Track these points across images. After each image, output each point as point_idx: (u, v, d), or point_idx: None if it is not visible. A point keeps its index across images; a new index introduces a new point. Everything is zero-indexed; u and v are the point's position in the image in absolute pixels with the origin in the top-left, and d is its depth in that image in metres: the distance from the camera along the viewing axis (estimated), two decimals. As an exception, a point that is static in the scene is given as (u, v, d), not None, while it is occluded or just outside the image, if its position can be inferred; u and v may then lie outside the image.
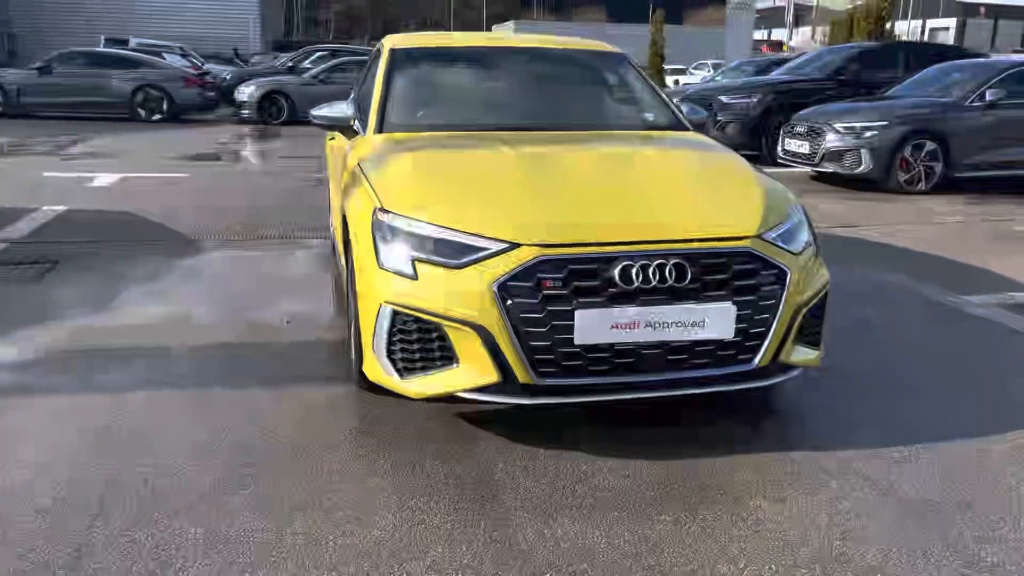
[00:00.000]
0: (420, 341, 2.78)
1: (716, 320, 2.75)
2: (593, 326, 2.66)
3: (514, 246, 2.67)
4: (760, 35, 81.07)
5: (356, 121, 3.98)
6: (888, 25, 20.43)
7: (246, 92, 16.19)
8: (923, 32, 64.08)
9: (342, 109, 3.98)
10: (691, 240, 2.77)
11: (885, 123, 8.89)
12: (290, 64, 19.13)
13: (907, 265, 5.70)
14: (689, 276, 2.71)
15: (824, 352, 3.19)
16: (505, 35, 4.64)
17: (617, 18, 66.72)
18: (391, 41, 4.43)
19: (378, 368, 2.89)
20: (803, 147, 9.42)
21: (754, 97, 11.22)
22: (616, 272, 2.66)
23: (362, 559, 2.24)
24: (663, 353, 2.77)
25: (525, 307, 2.64)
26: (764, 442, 2.98)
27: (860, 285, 5.15)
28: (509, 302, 2.63)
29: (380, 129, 3.79)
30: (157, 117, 16.35)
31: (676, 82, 28.33)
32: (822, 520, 2.48)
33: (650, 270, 2.68)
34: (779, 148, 9.97)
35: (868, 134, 8.87)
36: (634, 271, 2.67)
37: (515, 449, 2.88)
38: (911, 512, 2.53)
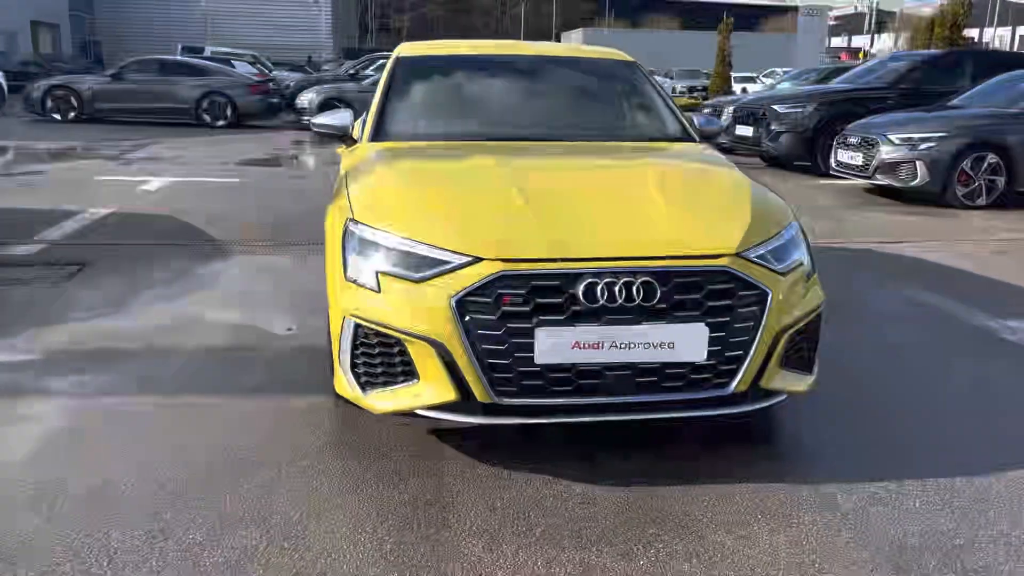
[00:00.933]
0: (382, 356, 2.72)
1: (687, 342, 2.61)
2: (554, 345, 2.55)
3: (476, 260, 2.59)
4: (840, 42, 79.19)
5: (359, 129, 3.96)
6: (966, 32, 19.62)
7: (306, 99, 16.48)
8: (1013, 40, 61.46)
9: (342, 117, 3.97)
10: (662, 257, 2.64)
11: (944, 134, 8.49)
12: (351, 71, 19.39)
13: (951, 284, 5.41)
14: (659, 295, 2.58)
15: (816, 378, 3.02)
16: (518, 43, 4.56)
17: (690, 26, 66.01)
18: (400, 49, 4.40)
19: (343, 381, 2.84)
20: (856, 158, 9.08)
21: (808, 106, 10.86)
22: (580, 289, 2.56)
23: (290, 579, 2.19)
24: (631, 375, 2.64)
25: (483, 324, 2.55)
26: (746, 472, 2.82)
27: (894, 304, 4.91)
28: (467, 318, 2.55)
29: (375, 138, 3.76)
30: (221, 123, 16.80)
31: (743, 90, 27.76)
32: (782, 559, 2.32)
33: (616, 288, 2.56)
34: (832, 159, 9.64)
35: (925, 146, 8.49)
36: (599, 289, 2.55)
37: (479, 470, 2.79)
38: (882, 555, 2.36)
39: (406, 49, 4.40)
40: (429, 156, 3.54)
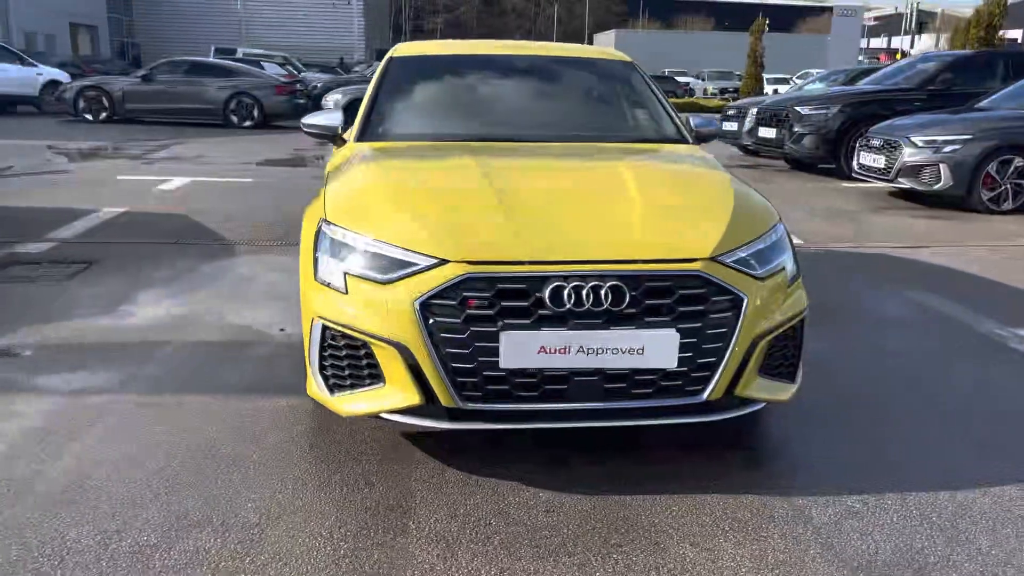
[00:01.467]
0: (349, 358, 2.69)
1: (657, 348, 2.54)
2: (519, 349, 2.50)
3: (442, 262, 2.55)
4: (879, 43, 77.99)
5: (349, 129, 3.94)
6: (1008, 34, 19.17)
7: (331, 100, 16.56)
8: (1057, 40, 59.87)
9: (332, 117, 3.94)
10: (633, 261, 2.57)
11: (969, 137, 8.28)
12: (379, 73, 19.46)
13: (964, 290, 5.26)
14: (628, 300, 2.52)
15: (799, 387, 2.93)
16: (515, 44, 4.50)
17: (725, 26, 65.45)
18: (395, 49, 4.38)
19: (313, 383, 2.82)
20: (878, 161, 8.89)
21: (832, 108, 10.67)
22: (547, 293, 2.50)
23: (238, 583, 2.17)
24: (599, 381, 2.58)
25: (448, 327, 2.51)
26: (721, 481, 2.74)
27: (900, 309, 4.78)
28: (431, 321, 2.51)
29: (361, 138, 3.74)
30: (248, 123, 16.97)
31: (775, 91, 27.42)
32: (743, 575, 2.25)
33: (584, 292, 2.50)
34: (854, 162, 9.45)
35: (949, 148, 8.28)
36: (566, 292, 2.50)
37: (447, 475, 2.75)
38: (848, 570, 2.27)
39: (400, 49, 4.37)
40: (410, 156, 3.50)
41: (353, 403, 2.70)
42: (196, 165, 11.01)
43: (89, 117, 17.21)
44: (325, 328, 2.71)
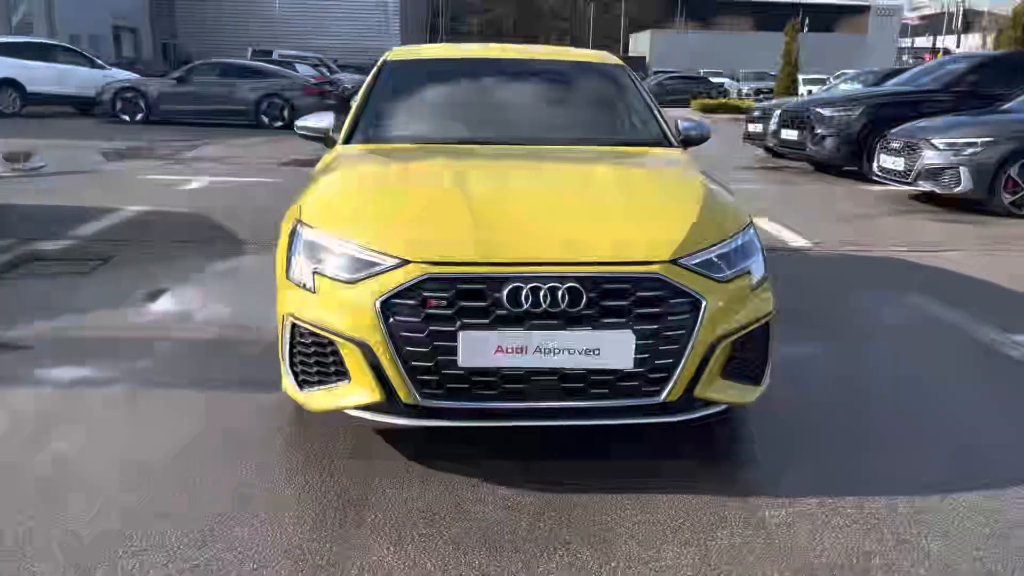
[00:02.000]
0: (316, 355, 2.77)
1: (613, 349, 2.58)
2: (477, 349, 2.55)
3: (404, 263, 2.61)
4: (924, 42, 76.57)
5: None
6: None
7: (360, 100, 16.74)
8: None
9: (324, 120, 4.03)
10: (592, 263, 2.62)
11: (990, 139, 8.15)
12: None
13: (969, 295, 5.20)
14: (584, 301, 2.56)
15: (765, 390, 2.95)
16: (510, 47, 4.54)
17: (765, 26, 64.72)
18: (390, 53, 4.46)
19: (285, 379, 2.91)
20: (898, 164, 8.78)
21: (855, 110, 10.55)
22: (505, 294, 2.55)
23: (177, 574, 2.24)
24: (557, 381, 2.63)
25: (408, 326, 2.57)
26: (682, 481, 2.76)
27: (898, 313, 4.75)
28: (392, 320, 2.57)
29: (347, 140, 3.82)
30: (279, 124, 17.22)
31: (809, 92, 27.09)
32: (683, 573, 2.28)
33: (541, 293, 2.55)
34: (874, 164, 9.34)
35: (970, 151, 8.16)
36: (524, 293, 2.55)
37: (412, 470, 2.82)
38: (789, 572, 2.29)
39: (395, 53, 4.45)
40: (390, 159, 3.58)
41: (320, 399, 2.78)
42: (222, 165, 11.23)
43: (126, 118, 17.61)
44: (295, 326, 2.79)
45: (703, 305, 2.65)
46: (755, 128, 13.22)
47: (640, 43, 60.88)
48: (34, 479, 2.70)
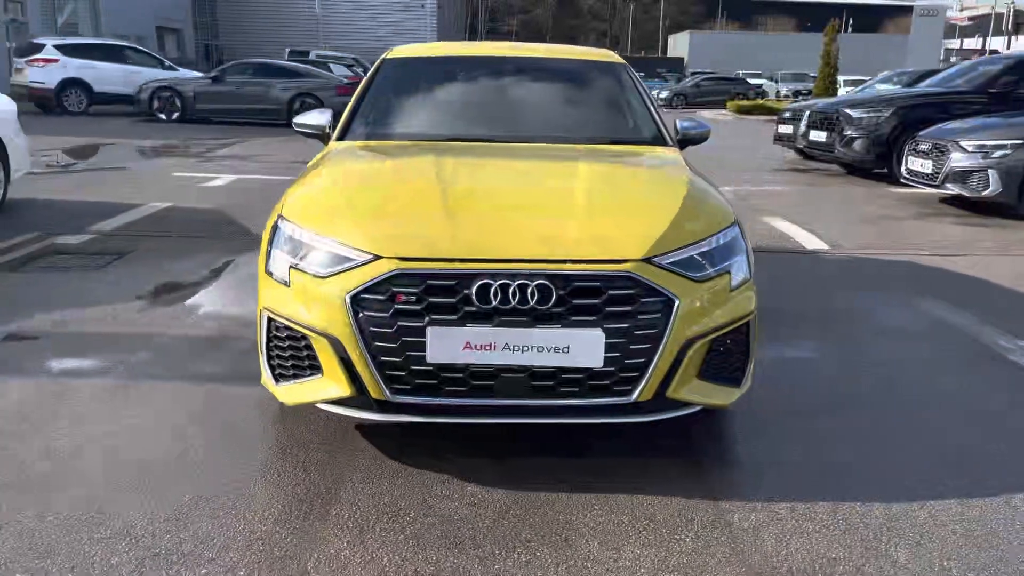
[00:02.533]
0: (291, 349, 2.79)
1: (582, 347, 2.56)
2: (445, 345, 2.55)
3: (376, 258, 2.62)
4: (973, 43, 74.98)
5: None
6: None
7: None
8: None
9: (321, 116, 4.06)
10: (563, 261, 2.60)
11: (1020, 142, 7.93)
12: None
13: (980, 300, 5.07)
14: (554, 299, 2.55)
15: (745, 391, 2.90)
16: (511, 45, 4.53)
17: (807, 27, 63.86)
18: (390, 52, 4.48)
19: (263, 372, 2.93)
20: (926, 166, 8.60)
21: (885, 111, 10.35)
22: (474, 290, 2.55)
23: (137, 562, 2.27)
24: (526, 378, 2.61)
25: (377, 321, 2.58)
26: (654, 482, 2.73)
27: (904, 317, 4.65)
28: (361, 315, 2.58)
29: (341, 137, 3.85)
30: (311, 123, 17.37)
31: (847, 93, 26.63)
32: (640, 575, 2.25)
33: (510, 290, 2.54)
34: (902, 167, 9.16)
35: (999, 153, 7.96)
36: (493, 290, 2.54)
37: (384, 465, 2.82)
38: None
39: (396, 51, 4.47)
40: (377, 156, 3.60)
41: (295, 393, 2.81)
42: (250, 163, 11.38)
43: (163, 117, 17.96)
44: (270, 320, 2.82)
45: (676, 305, 2.62)
46: (785, 129, 13.03)
47: (679, 44, 60.47)
48: (12, 466, 2.76)
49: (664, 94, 36.88)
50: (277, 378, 2.86)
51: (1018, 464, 2.94)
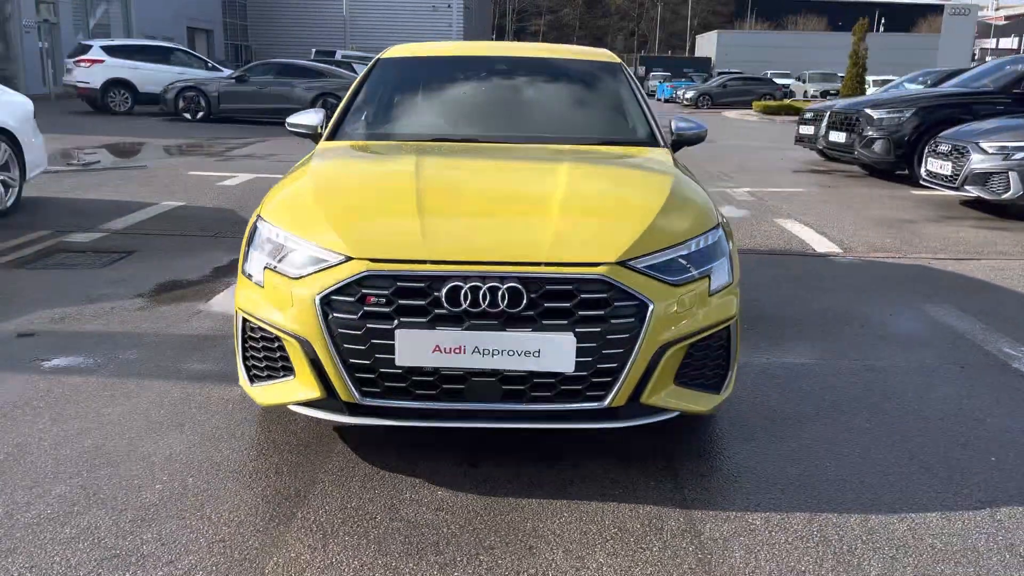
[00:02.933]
0: (265, 350, 2.78)
1: (553, 351, 2.52)
2: (414, 347, 2.52)
3: (347, 260, 2.60)
4: (1009, 43, 73.58)
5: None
6: None
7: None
8: None
9: (313, 117, 4.06)
10: (534, 264, 2.55)
11: (1044, 143, 7.75)
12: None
13: (990, 306, 4.94)
14: (525, 302, 2.51)
15: (726, 397, 2.84)
16: (506, 45, 4.49)
17: (839, 26, 63.08)
18: (387, 51, 4.46)
19: (239, 372, 2.92)
20: (945, 168, 8.43)
21: (906, 112, 10.17)
22: (444, 293, 2.52)
23: (96, 563, 2.27)
24: (497, 382, 2.58)
25: (346, 323, 2.55)
26: (628, 490, 2.68)
27: (909, 323, 4.55)
28: (331, 316, 2.56)
29: (330, 137, 3.84)
30: (332, 123, 17.47)
31: (877, 95, 26.23)
32: (600, 585, 2.21)
33: (481, 293, 2.50)
34: (921, 168, 8.99)
35: (1020, 155, 7.78)
36: (462, 293, 2.51)
37: (357, 468, 2.80)
38: (716, 590, 2.20)
39: (391, 51, 4.45)
40: (361, 156, 3.58)
41: (268, 394, 2.79)
42: (267, 162, 11.45)
43: (188, 116, 18.15)
44: (245, 321, 2.81)
45: (650, 309, 2.56)
46: (807, 130, 12.87)
47: (706, 43, 59.99)
48: (-9, 463, 2.78)
49: (690, 94, 36.61)
50: (252, 379, 2.86)
51: (1009, 477, 2.84)
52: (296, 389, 2.70)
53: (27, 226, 6.64)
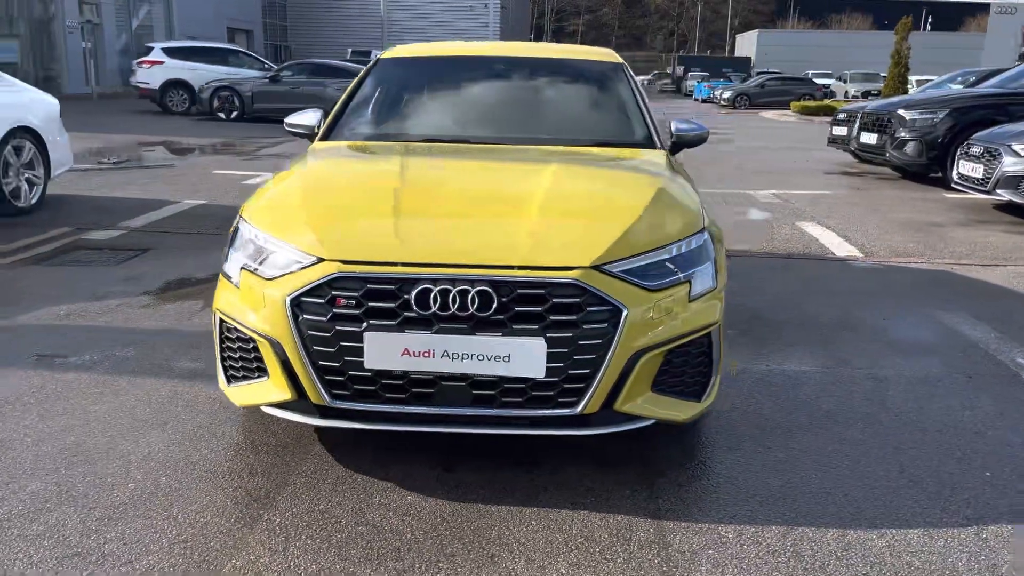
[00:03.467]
0: (240, 351, 2.78)
1: (523, 356, 2.48)
2: (383, 350, 2.50)
3: (319, 261, 2.59)
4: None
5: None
6: None
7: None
8: None
9: (311, 117, 4.06)
10: (506, 267, 2.51)
11: (1078, 146, 7.50)
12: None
13: (1007, 313, 4.78)
14: (495, 306, 2.47)
15: (707, 406, 2.78)
16: (507, 45, 4.43)
17: (884, 24, 61.91)
18: (387, 51, 4.45)
19: (218, 373, 2.93)
20: (977, 171, 8.20)
21: (940, 113, 9.91)
22: (414, 295, 2.49)
23: (57, 560, 2.28)
24: (467, 387, 2.54)
25: (316, 324, 2.54)
26: (601, 499, 2.63)
27: (921, 330, 4.42)
28: (301, 318, 2.55)
29: (324, 137, 3.83)
30: (363, 122, 17.59)
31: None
32: (556, 596, 2.16)
33: (450, 296, 2.47)
34: (953, 171, 8.76)
35: (1054, 158, 7.54)
36: (432, 296, 2.48)
37: (331, 471, 2.78)
38: (676, 605, 2.14)
39: (392, 51, 4.44)
40: (350, 156, 3.56)
41: (244, 394, 2.79)
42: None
43: (222, 116, 18.40)
44: (222, 321, 2.81)
45: (624, 314, 2.51)
46: (840, 131, 12.62)
47: (747, 43, 59.27)
48: (-28, 459, 2.81)
49: (727, 94, 36.18)
50: (229, 379, 2.86)
51: (1001, 494, 2.73)
52: (269, 390, 2.69)
53: (49, 223, 6.76)
